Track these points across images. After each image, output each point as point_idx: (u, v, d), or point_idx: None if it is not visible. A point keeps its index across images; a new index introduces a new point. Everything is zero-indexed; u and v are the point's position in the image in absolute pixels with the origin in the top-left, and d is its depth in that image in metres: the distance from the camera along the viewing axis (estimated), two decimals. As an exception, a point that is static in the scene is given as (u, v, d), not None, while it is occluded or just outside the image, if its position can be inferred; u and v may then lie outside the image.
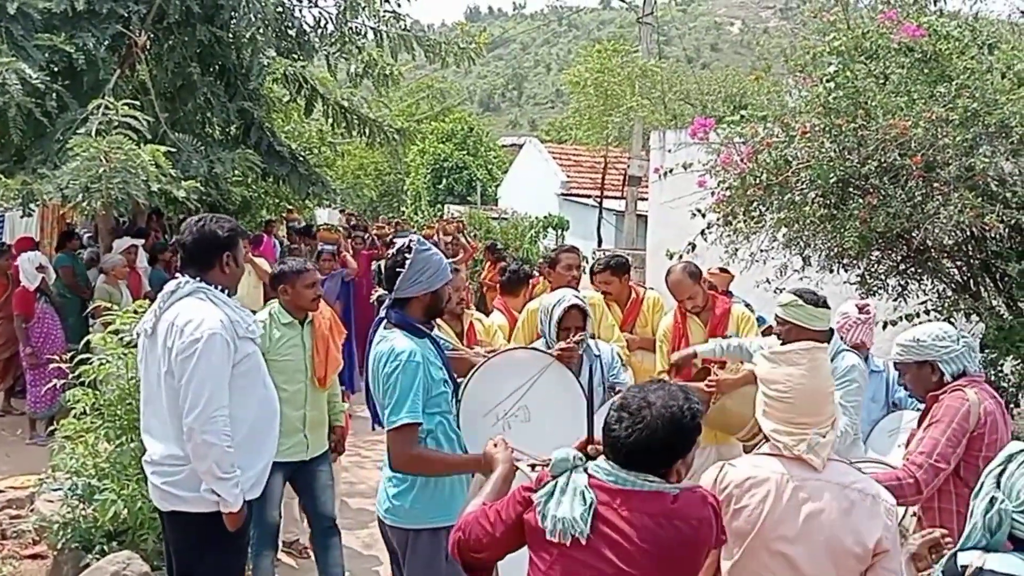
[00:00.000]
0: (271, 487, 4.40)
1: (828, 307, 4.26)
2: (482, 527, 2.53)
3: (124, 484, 4.63)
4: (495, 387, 3.58)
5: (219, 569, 3.35)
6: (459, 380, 3.64)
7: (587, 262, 18.00)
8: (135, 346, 5.02)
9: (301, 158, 11.10)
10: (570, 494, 2.39)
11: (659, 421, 2.38)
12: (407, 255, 3.35)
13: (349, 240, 11.96)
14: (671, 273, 5.49)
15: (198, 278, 3.36)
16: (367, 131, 11.33)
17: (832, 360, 4.11)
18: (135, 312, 5.16)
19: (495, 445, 2.99)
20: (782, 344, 4.11)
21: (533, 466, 3.12)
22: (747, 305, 6.77)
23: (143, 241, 10.21)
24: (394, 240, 11.80)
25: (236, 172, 10.10)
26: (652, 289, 6.30)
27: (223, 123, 10.58)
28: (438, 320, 4.20)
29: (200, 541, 3.31)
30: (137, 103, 8.25)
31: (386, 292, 3.53)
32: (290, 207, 14.90)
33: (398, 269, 3.35)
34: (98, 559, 4.60)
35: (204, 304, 3.28)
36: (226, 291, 3.40)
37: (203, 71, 10.10)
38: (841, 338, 4.58)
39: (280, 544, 5.52)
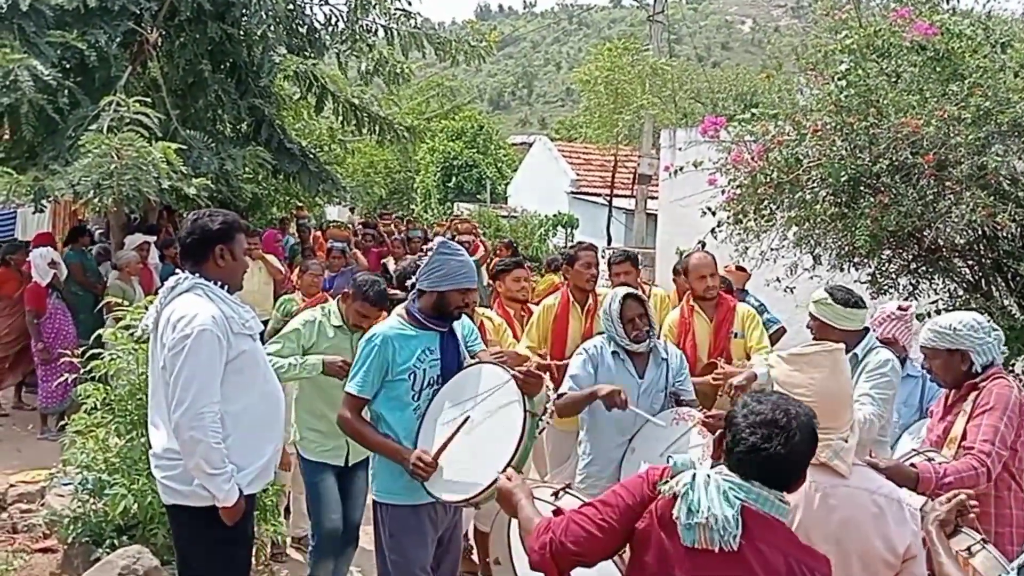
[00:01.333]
0: (326, 489, 4.53)
1: (862, 307, 4.16)
2: (582, 524, 2.34)
3: (134, 479, 4.64)
4: (456, 393, 3.59)
5: (219, 563, 3.36)
6: None
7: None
8: (146, 341, 5.06)
9: (311, 155, 11.13)
10: (715, 491, 2.19)
11: (801, 433, 2.25)
12: (430, 251, 3.59)
13: (358, 237, 11.97)
14: (691, 255, 5.46)
15: (195, 273, 3.36)
16: (377, 129, 11.34)
17: (865, 356, 4.08)
18: (146, 308, 5.17)
19: (508, 479, 2.85)
20: (814, 338, 4.14)
21: (556, 493, 3.20)
22: (761, 305, 6.74)
23: (155, 238, 10.23)
24: (409, 236, 11.85)
25: (247, 169, 10.12)
26: (659, 287, 6.28)
27: (234, 120, 10.60)
28: None
29: (199, 535, 3.32)
30: (148, 100, 8.28)
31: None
32: (300, 204, 14.93)
33: (418, 262, 3.59)
34: (108, 553, 4.60)
35: (199, 300, 3.27)
36: (224, 286, 3.38)
37: (214, 68, 10.13)
38: (872, 330, 4.49)
39: (290, 540, 5.55)
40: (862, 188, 5.42)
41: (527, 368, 3.56)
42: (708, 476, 2.21)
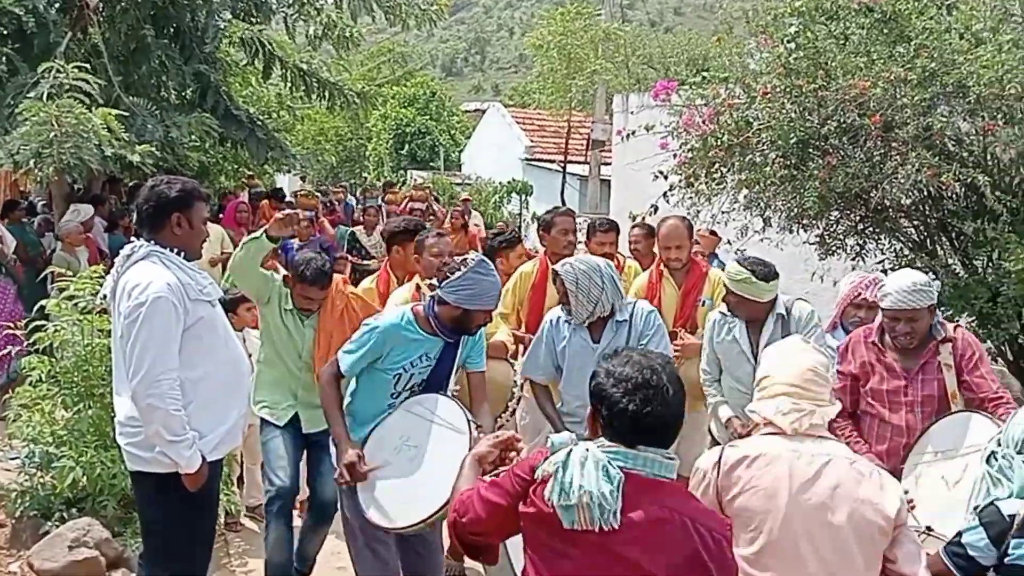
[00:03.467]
0: (273, 447, 4.28)
1: (778, 275, 4.15)
2: (475, 505, 2.29)
3: (82, 451, 4.58)
4: (426, 411, 3.51)
5: (183, 529, 3.34)
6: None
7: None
8: (91, 312, 4.97)
9: (259, 122, 10.94)
10: (591, 467, 2.08)
11: (673, 386, 2.17)
12: (463, 267, 3.52)
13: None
14: (665, 221, 5.19)
15: (151, 240, 3.31)
16: (327, 95, 11.18)
17: (790, 309, 4.16)
18: (91, 279, 5.07)
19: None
20: (729, 311, 4.25)
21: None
22: (721, 263, 6.76)
23: (99, 208, 9.99)
24: (366, 204, 11.64)
25: (192, 137, 9.94)
26: (631, 258, 6.15)
27: (178, 87, 10.36)
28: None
29: (162, 501, 3.30)
30: (89, 66, 8.05)
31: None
32: (250, 173, 14.70)
33: (449, 273, 3.53)
34: (57, 526, 4.55)
35: (154, 267, 3.23)
36: (181, 253, 3.33)
37: (157, 34, 9.85)
38: (858, 294, 4.53)
39: (243, 509, 5.51)
40: (811, 150, 5.48)
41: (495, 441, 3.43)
42: (586, 451, 2.10)
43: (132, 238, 3.55)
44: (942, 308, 5.69)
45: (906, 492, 3.45)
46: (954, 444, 3.43)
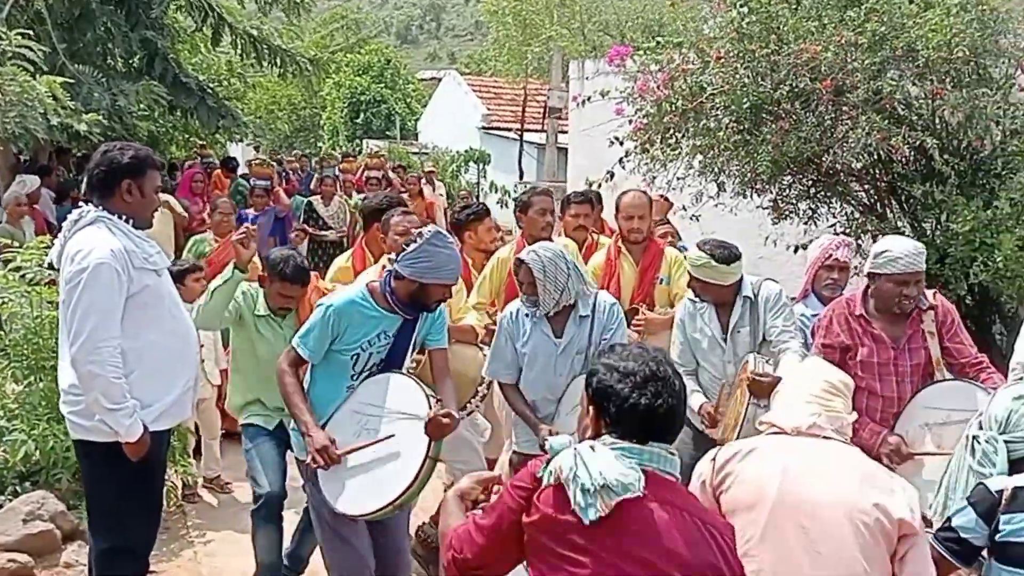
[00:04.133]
0: (261, 453, 4.06)
1: (739, 255, 4.03)
2: (473, 535, 2.17)
3: (34, 424, 4.51)
4: (381, 392, 3.40)
5: (128, 499, 3.31)
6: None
7: (509, 196, 18.04)
8: (39, 283, 4.87)
9: (209, 90, 10.78)
10: (603, 457, 2.00)
11: (678, 377, 2.13)
12: (418, 239, 3.36)
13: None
14: (626, 193, 5.05)
15: (100, 206, 3.25)
16: (278, 61, 11.02)
17: (758, 291, 4.05)
18: (37, 249, 4.97)
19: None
20: (697, 296, 4.14)
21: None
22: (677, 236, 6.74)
23: (45, 178, 9.76)
24: (323, 175, 11.51)
25: (141, 105, 9.73)
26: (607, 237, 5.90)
27: (125, 54, 10.15)
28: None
29: (106, 470, 3.27)
30: (32, 33, 7.83)
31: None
32: (202, 143, 14.45)
33: (405, 245, 3.39)
34: (11, 500, 4.50)
35: (100, 233, 3.17)
36: (130, 220, 3.27)
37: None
38: (829, 255, 4.48)
39: (201, 480, 5.47)
40: (764, 115, 5.51)
41: (448, 415, 3.24)
42: (592, 447, 2.03)
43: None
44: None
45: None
46: (947, 411, 3.48)
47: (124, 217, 3.26)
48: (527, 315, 3.89)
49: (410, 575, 3.86)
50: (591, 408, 2.14)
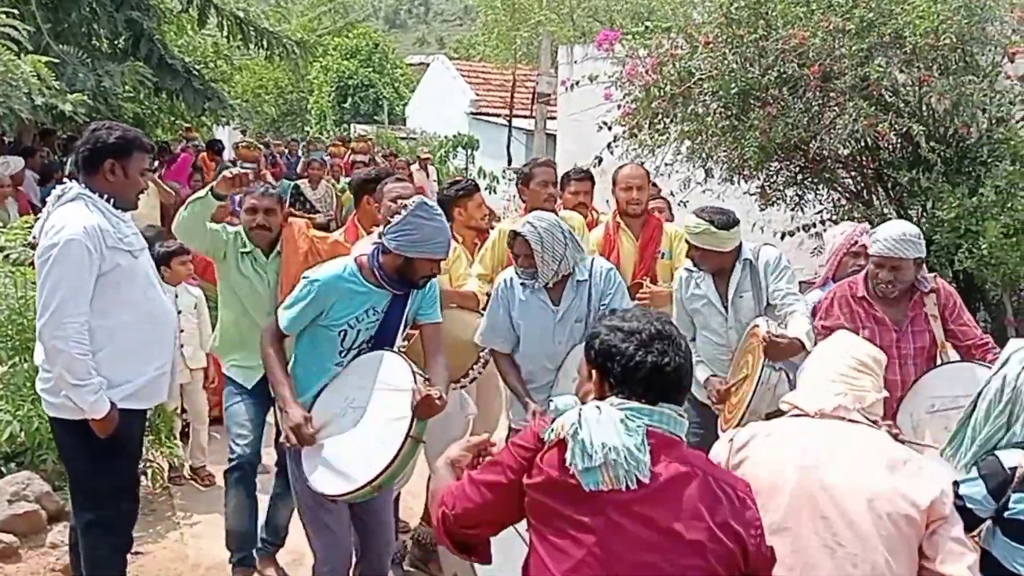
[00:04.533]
0: (235, 412, 4.02)
1: (738, 222, 3.96)
2: (470, 494, 2.08)
3: (19, 405, 4.49)
4: (370, 371, 3.28)
5: (101, 475, 3.31)
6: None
7: (498, 182, 18.04)
8: (23, 264, 4.85)
9: (195, 72, 10.69)
10: (609, 422, 1.93)
11: (683, 337, 2.07)
12: (404, 210, 3.22)
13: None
14: (624, 166, 4.97)
15: (83, 184, 3.25)
16: (265, 44, 10.94)
17: (756, 257, 3.97)
18: (21, 229, 4.94)
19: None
20: (695, 265, 4.04)
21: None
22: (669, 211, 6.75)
23: (29, 160, 9.69)
24: (309, 159, 11.46)
25: (126, 86, 9.67)
26: (605, 214, 5.80)
27: (110, 34, 10.06)
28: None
29: (78, 447, 3.28)
30: (16, 12, 7.76)
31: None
32: (188, 125, 14.34)
33: (391, 217, 3.26)
34: (-4, 482, 4.48)
35: (77, 210, 3.16)
36: (111, 200, 3.25)
37: (87, -21, 9.54)
38: (855, 242, 4.30)
39: (187, 466, 5.42)
40: (751, 100, 5.53)
41: (432, 393, 3.10)
42: (598, 409, 1.95)
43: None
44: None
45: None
46: (953, 395, 3.42)
47: (106, 196, 3.25)
48: (522, 283, 3.79)
49: (393, 551, 3.80)
50: (594, 372, 2.07)
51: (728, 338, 3.99)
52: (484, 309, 4.19)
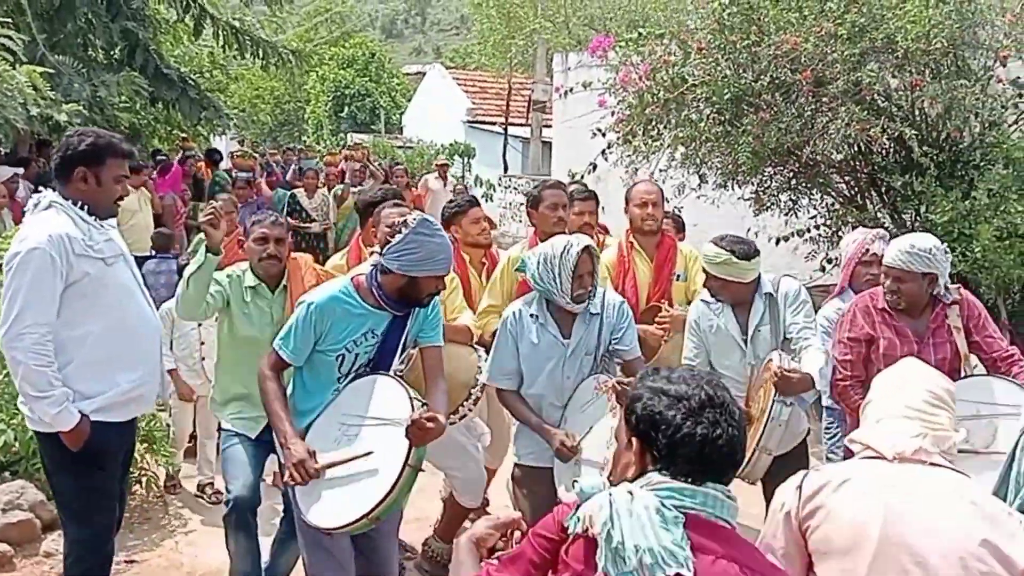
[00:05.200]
0: (233, 454, 3.79)
1: (759, 253, 3.79)
2: None
3: (13, 414, 4.46)
4: (364, 396, 3.15)
5: (79, 488, 3.24)
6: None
7: (494, 190, 18.06)
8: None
9: (191, 82, 10.72)
10: (643, 514, 1.66)
11: (735, 404, 1.80)
12: (404, 227, 3.08)
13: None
14: (639, 182, 4.75)
15: (57, 192, 3.18)
16: (261, 53, 10.98)
17: (777, 288, 3.82)
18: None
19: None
20: (712, 296, 3.83)
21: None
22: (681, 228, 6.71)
23: (23, 170, 9.69)
24: (302, 167, 11.47)
25: (122, 96, 9.70)
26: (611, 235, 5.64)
27: (106, 45, 10.10)
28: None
29: (57, 458, 3.21)
30: (11, 23, 7.79)
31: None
32: (185, 135, 14.36)
33: (390, 237, 3.10)
34: (-10, 491, 4.48)
35: (49, 218, 3.10)
36: (84, 207, 3.17)
37: (82, -11, 9.57)
38: (867, 250, 4.25)
39: (196, 487, 5.30)
40: (744, 106, 5.54)
41: (433, 419, 2.98)
42: (631, 496, 1.69)
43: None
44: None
45: None
46: (977, 407, 3.32)
47: (80, 204, 3.17)
48: (533, 315, 3.61)
49: None
50: (634, 440, 1.80)
51: (746, 375, 3.82)
52: (478, 343, 4.09)
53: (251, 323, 3.84)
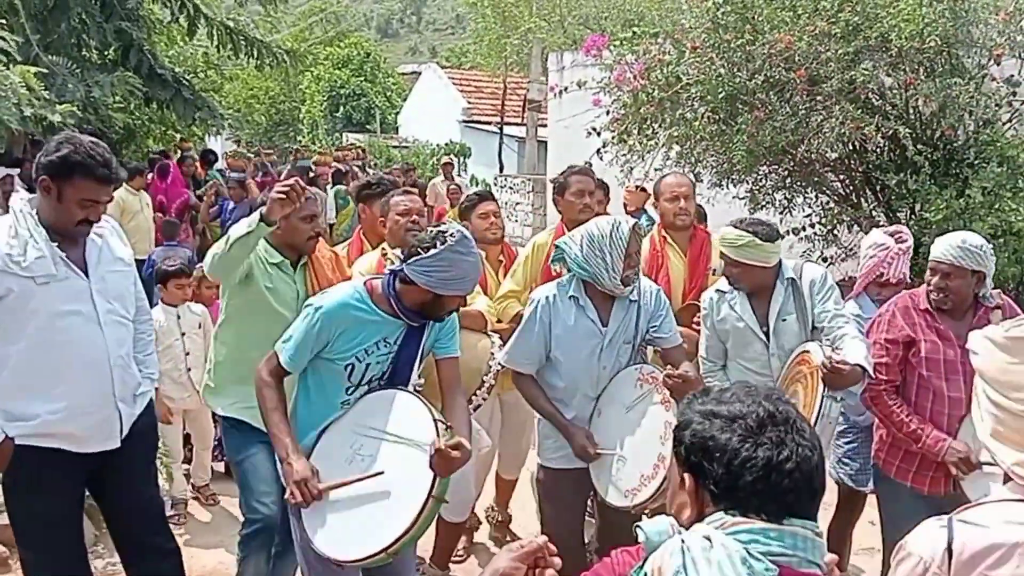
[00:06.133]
0: (254, 466, 3.46)
1: (781, 235, 3.62)
2: None
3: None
4: (382, 412, 2.89)
5: (16, 511, 3.08)
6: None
7: (490, 189, 18.02)
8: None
9: (185, 82, 10.69)
10: (724, 565, 1.35)
11: (802, 419, 1.51)
12: (438, 243, 2.82)
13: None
14: (668, 175, 4.56)
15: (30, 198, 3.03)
16: (255, 53, 10.96)
17: (800, 274, 3.60)
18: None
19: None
20: (731, 284, 3.62)
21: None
22: (653, 221, 6.78)
23: (18, 171, 9.68)
24: (298, 167, 11.44)
25: (116, 97, 9.67)
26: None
27: (100, 45, 10.06)
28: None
29: (3, 479, 3.04)
30: (5, 23, 7.75)
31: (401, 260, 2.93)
32: (181, 136, 14.34)
33: (420, 249, 2.84)
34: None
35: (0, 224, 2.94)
36: (40, 219, 2.93)
37: (76, -10, 9.56)
38: (881, 274, 3.96)
39: (189, 489, 5.18)
40: (739, 105, 5.55)
41: (459, 446, 2.69)
42: (708, 542, 1.38)
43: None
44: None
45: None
46: None
47: (38, 215, 2.96)
48: (572, 296, 3.41)
49: None
50: (687, 477, 1.51)
51: (770, 367, 3.58)
52: (493, 330, 3.94)
53: (274, 296, 3.54)
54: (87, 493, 3.31)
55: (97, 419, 3.05)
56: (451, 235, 2.83)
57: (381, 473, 2.75)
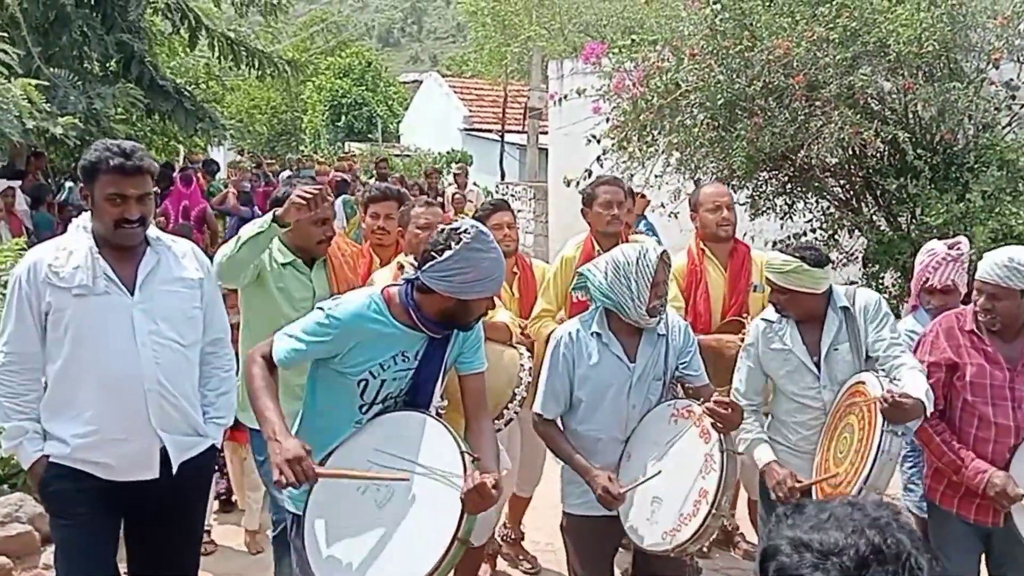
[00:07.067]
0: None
1: (830, 260, 3.44)
2: None
3: (11, 428, 4.47)
4: (407, 435, 2.60)
5: (54, 527, 3.03)
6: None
7: (491, 197, 18.03)
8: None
9: (187, 93, 10.75)
10: None
11: (914, 545, 1.26)
12: (453, 243, 2.53)
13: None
14: (704, 186, 4.41)
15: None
16: (256, 63, 11.01)
17: (853, 301, 3.32)
18: (11, 251, 4.95)
19: None
20: (778, 312, 3.35)
21: None
22: (651, 227, 6.81)
23: (20, 183, 9.72)
24: (300, 175, 11.47)
25: (118, 108, 9.74)
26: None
27: (102, 57, 10.13)
28: None
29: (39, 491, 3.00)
30: (6, 36, 7.80)
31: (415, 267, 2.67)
32: (188, 148, 14.38)
33: (435, 252, 2.55)
34: (-12, 504, 4.46)
35: (58, 239, 2.96)
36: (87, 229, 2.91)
37: (77, 2, 9.62)
38: (926, 279, 3.81)
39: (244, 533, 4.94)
40: (738, 111, 5.56)
41: (487, 482, 2.39)
42: None
43: (56, 215, 3.33)
44: (867, 265, 5.88)
45: None
46: None
47: (91, 226, 2.92)
48: (595, 333, 3.17)
49: None
50: None
51: (822, 399, 3.29)
52: (518, 341, 3.77)
53: (287, 299, 3.49)
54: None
55: (132, 448, 2.85)
56: (466, 232, 2.54)
57: (407, 479, 2.46)
